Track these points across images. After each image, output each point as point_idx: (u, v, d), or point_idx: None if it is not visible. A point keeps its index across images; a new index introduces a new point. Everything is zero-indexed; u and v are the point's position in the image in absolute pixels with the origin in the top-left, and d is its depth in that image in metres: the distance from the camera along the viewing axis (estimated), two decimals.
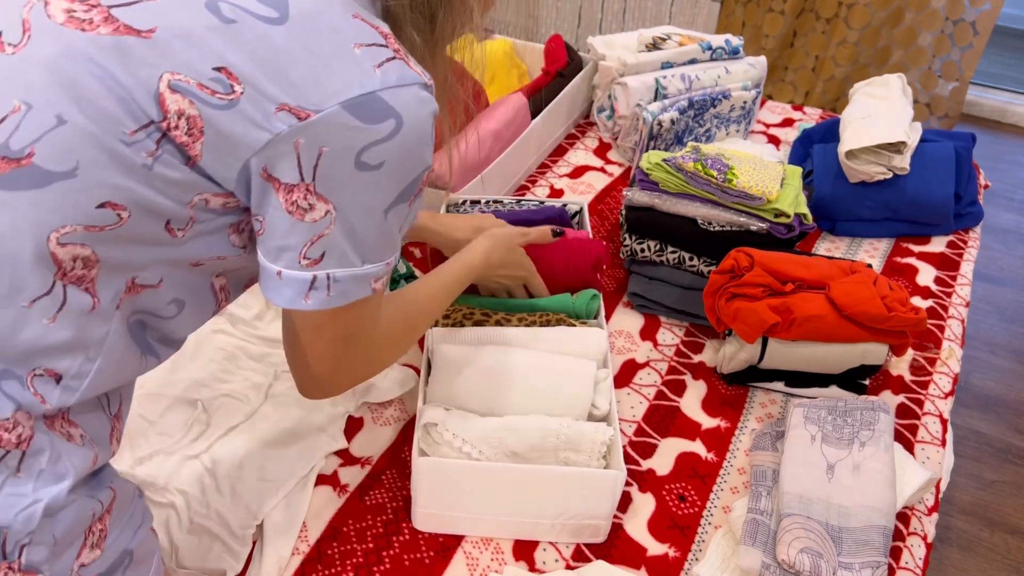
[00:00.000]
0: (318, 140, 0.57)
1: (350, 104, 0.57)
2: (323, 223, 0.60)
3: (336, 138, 0.57)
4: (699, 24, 2.95)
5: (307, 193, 0.59)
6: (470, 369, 0.94)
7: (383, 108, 0.58)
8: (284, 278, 0.62)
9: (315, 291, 0.63)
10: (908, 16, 2.75)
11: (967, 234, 1.46)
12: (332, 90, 0.57)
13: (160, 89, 0.55)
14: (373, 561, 0.88)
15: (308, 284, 0.62)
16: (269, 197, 0.60)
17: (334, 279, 0.63)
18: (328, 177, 0.59)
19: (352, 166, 0.59)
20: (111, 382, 0.63)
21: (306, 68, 0.57)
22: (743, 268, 1.08)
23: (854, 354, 1.07)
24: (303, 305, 0.63)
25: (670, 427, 1.06)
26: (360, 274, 0.64)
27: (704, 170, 1.18)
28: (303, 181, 0.58)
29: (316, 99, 0.57)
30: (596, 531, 0.91)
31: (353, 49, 0.58)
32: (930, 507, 0.98)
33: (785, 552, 0.85)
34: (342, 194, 0.60)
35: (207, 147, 0.57)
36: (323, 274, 0.62)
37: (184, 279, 0.65)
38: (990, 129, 3.10)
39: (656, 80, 1.55)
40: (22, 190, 0.55)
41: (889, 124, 1.38)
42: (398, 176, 0.61)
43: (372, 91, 0.58)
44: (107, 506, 0.63)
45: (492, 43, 1.69)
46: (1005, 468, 1.79)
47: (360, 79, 0.58)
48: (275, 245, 0.62)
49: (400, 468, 0.98)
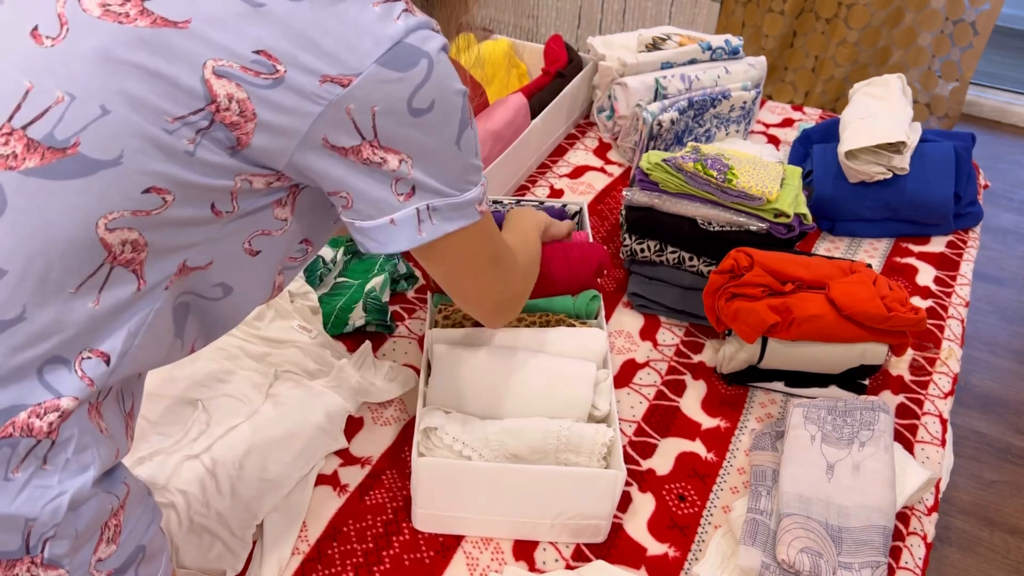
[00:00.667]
0: (368, 100, 0.60)
1: (385, 59, 0.59)
2: (402, 170, 0.63)
3: (383, 94, 0.60)
4: (699, 24, 2.95)
5: (373, 149, 0.62)
6: (470, 370, 0.94)
7: (412, 52, 0.60)
8: (398, 222, 0.65)
9: (423, 223, 0.66)
10: (908, 16, 2.76)
11: (967, 234, 1.46)
12: (364, 51, 0.59)
13: (206, 76, 0.57)
14: (373, 561, 0.88)
15: (415, 218, 0.65)
16: (341, 165, 0.62)
17: (433, 208, 0.66)
18: (389, 131, 0.61)
19: (408, 115, 0.61)
20: (147, 362, 0.65)
21: (336, 35, 0.59)
22: (743, 268, 1.08)
23: (854, 354, 1.07)
24: (420, 239, 0.66)
25: (670, 427, 1.06)
26: (460, 202, 0.67)
27: (704, 170, 1.18)
28: (365, 139, 0.61)
29: (353, 63, 0.59)
30: (596, 531, 0.91)
31: (373, 7, 0.60)
32: (930, 507, 0.98)
33: (785, 552, 0.85)
34: (409, 143, 0.62)
35: (260, 128, 0.59)
36: (423, 205, 0.65)
37: (234, 262, 0.67)
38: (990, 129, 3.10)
39: (656, 80, 1.55)
40: (70, 179, 0.56)
41: (889, 124, 1.38)
42: (450, 108, 0.64)
43: (399, 40, 0.60)
44: (122, 501, 0.63)
45: (492, 43, 1.69)
46: (1005, 468, 1.79)
47: (388, 32, 0.60)
48: (373, 200, 0.64)
49: (400, 468, 0.98)
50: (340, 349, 1.12)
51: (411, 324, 1.19)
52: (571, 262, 1.09)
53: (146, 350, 0.63)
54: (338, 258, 1.22)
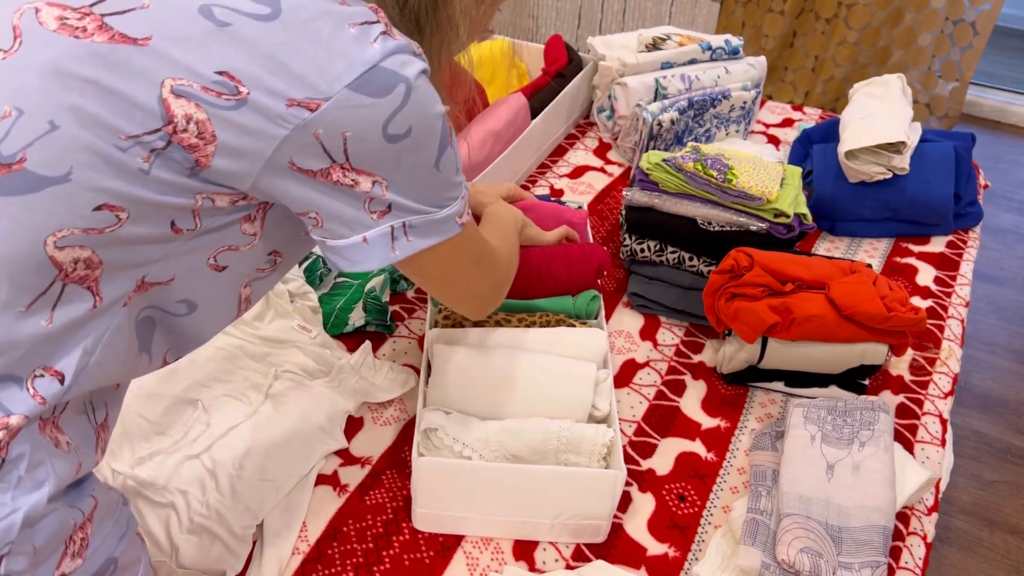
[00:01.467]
0: (339, 125, 0.58)
1: (357, 83, 0.57)
2: (375, 191, 0.61)
3: (355, 120, 0.58)
4: (699, 24, 2.95)
5: (344, 171, 0.60)
6: (470, 371, 0.94)
7: (389, 77, 0.58)
8: (371, 240, 0.63)
9: (398, 240, 0.64)
10: (908, 16, 2.76)
11: (967, 234, 1.46)
12: (335, 74, 0.57)
13: (163, 95, 0.55)
14: (373, 561, 0.88)
15: (389, 236, 0.64)
16: (309, 187, 0.60)
17: (410, 226, 0.64)
18: (361, 155, 0.59)
19: (383, 140, 0.59)
20: (106, 379, 0.63)
21: (306, 58, 0.57)
22: (743, 268, 1.08)
23: (854, 354, 1.07)
24: (394, 257, 0.64)
25: (670, 427, 1.06)
26: (438, 218, 0.65)
27: (704, 170, 1.18)
28: (335, 162, 0.59)
29: (323, 87, 0.57)
30: (596, 531, 0.91)
31: (349, 29, 0.58)
32: (930, 507, 0.98)
33: (785, 552, 0.85)
34: (383, 167, 0.61)
35: (221, 150, 0.57)
36: (398, 223, 0.63)
37: (197, 278, 0.65)
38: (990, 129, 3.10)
39: (656, 80, 1.55)
40: (15, 195, 0.55)
41: (889, 124, 1.38)
42: (429, 133, 0.62)
43: (375, 64, 0.58)
44: (88, 515, 0.62)
45: (492, 43, 1.69)
46: (1005, 468, 1.79)
47: (362, 56, 0.58)
48: (344, 220, 0.63)
49: (400, 468, 0.98)
50: (340, 349, 1.12)
51: (411, 324, 1.19)
52: (571, 262, 1.09)
53: (105, 367, 0.61)
54: None
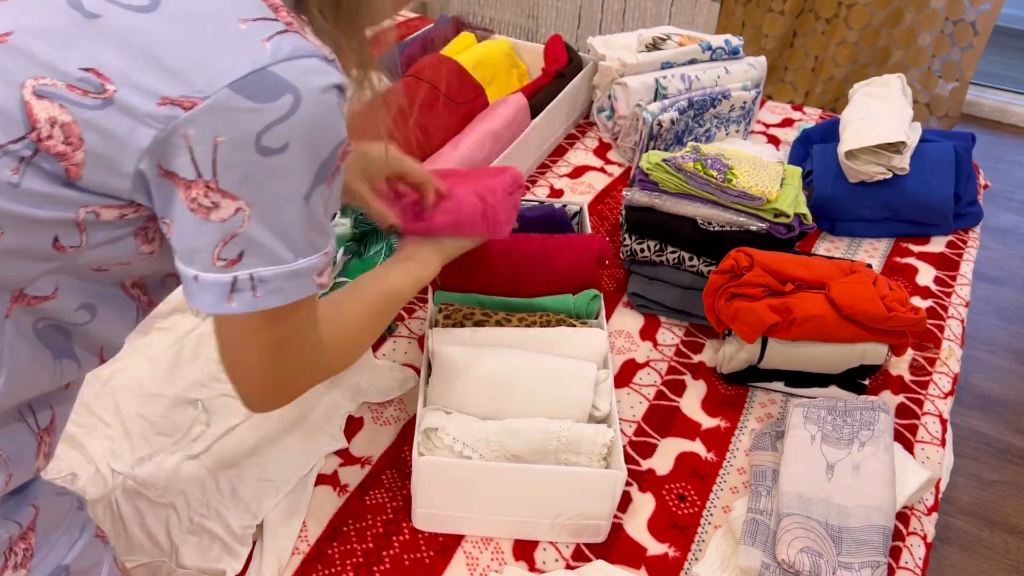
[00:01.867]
0: (210, 129, 0.52)
1: (239, 84, 0.52)
2: (235, 221, 0.54)
3: (229, 124, 0.52)
4: (699, 24, 2.95)
5: (208, 190, 0.54)
6: (470, 371, 0.94)
7: (277, 83, 0.52)
8: (202, 282, 0.57)
9: (237, 293, 0.57)
10: (908, 16, 2.76)
11: (967, 234, 1.46)
12: (217, 72, 0.52)
13: (25, 97, 0.51)
14: (373, 561, 0.88)
15: (228, 287, 0.57)
16: (173, 195, 0.54)
17: (259, 279, 0.57)
18: (230, 169, 0.53)
19: (255, 153, 0.53)
20: (29, 390, 0.60)
21: (185, 53, 0.52)
22: (743, 268, 1.08)
23: (854, 354, 1.07)
24: (227, 309, 0.57)
25: (670, 427, 1.06)
26: (294, 270, 0.58)
27: (704, 170, 1.18)
28: (201, 177, 0.53)
29: (201, 84, 0.51)
30: (596, 531, 0.91)
31: (238, 25, 0.53)
32: (930, 507, 0.98)
33: (785, 552, 0.85)
34: (251, 187, 0.54)
35: (90, 156, 0.52)
36: (244, 275, 0.56)
37: (86, 286, 0.60)
38: (990, 129, 3.10)
39: (656, 80, 1.56)
40: None
41: (889, 124, 1.38)
42: (308, 156, 0.55)
43: (263, 67, 0.52)
44: (29, 524, 0.61)
45: (492, 43, 1.69)
46: (1005, 468, 1.79)
47: (249, 55, 0.52)
48: (187, 247, 0.56)
49: (400, 468, 0.98)
50: None
51: (411, 324, 1.19)
52: (573, 251, 1.10)
53: (19, 381, 0.58)
54: (338, 258, 1.23)
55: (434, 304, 1.07)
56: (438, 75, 1.45)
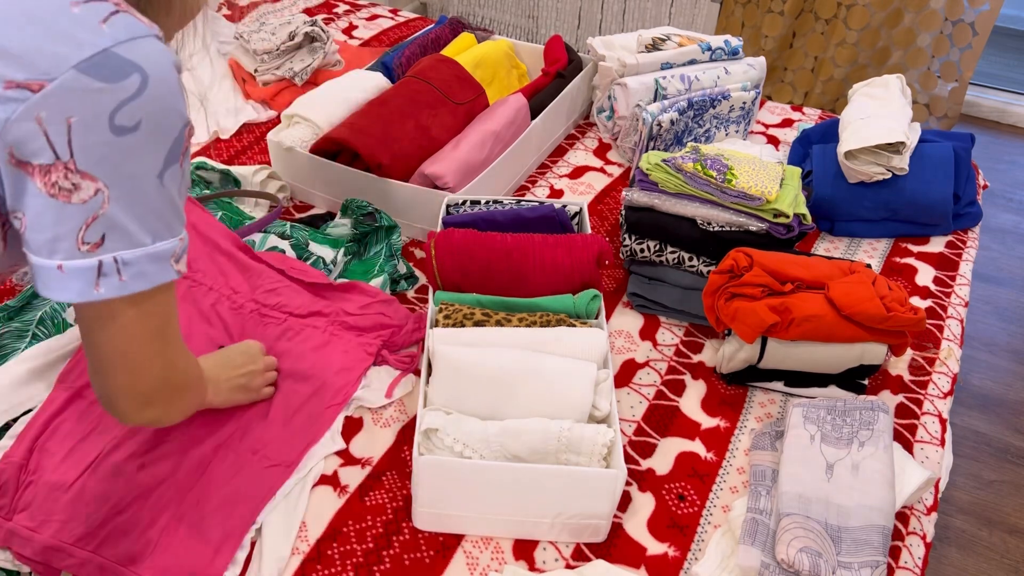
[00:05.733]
0: (62, 110, 0.53)
1: (86, 66, 0.53)
2: (95, 202, 0.55)
3: (82, 104, 0.53)
4: (698, 25, 2.95)
5: (67, 172, 0.54)
6: (471, 371, 0.94)
7: (122, 64, 0.54)
8: (67, 271, 0.57)
9: (105, 278, 0.57)
10: (907, 17, 2.76)
11: (966, 234, 1.46)
12: (61, 55, 0.53)
13: None
14: (373, 561, 0.88)
15: (95, 271, 0.57)
16: (25, 185, 0.55)
17: (123, 262, 0.58)
18: (86, 149, 0.54)
19: (109, 132, 0.54)
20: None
21: (26, 37, 0.53)
22: (742, 268, 1.08)
23: (853, 354, 1.07)
24: (95, 295, 0.58)
25: (670, 427, 1.06)
26: (154, 252, 0.59)
27: (703, 170, 1.18)
28: (59, 159, 0.54)
29: (45, 66, 0.52)
30: (596, 530, 0.91)
31: (71, 9, 0.54)
32: (929, 507, 0.99)
33: (784, 551, 0.85)
34: (107, 166, 0.55)
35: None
36: (109, 258, 0.57)
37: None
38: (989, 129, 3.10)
39: (656, 81, 1.56)
40: None
41: (888, 125, 1.38)
42: (160, 134, 0.57)
43: (105, 48, 0.54)
44: None
45: (492, 43, 1.69)
46: (1004, 468, 1.79)
47: (90, 38, 0.54)
48: (46, 238, 0.56)
49: (400, 468, 0.98)
50: None
51: None
52: (573, 251, 1.10)
53: None
54: (338, 258, 1.23)
55: (434, 304, 1.07)
56: (438, 75, 1.45)
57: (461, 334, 1.00)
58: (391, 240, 1.25)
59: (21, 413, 0.97)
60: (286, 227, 1.25)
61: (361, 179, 1.31)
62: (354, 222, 1.28)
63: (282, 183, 1.41)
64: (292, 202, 1.43)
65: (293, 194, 1.43)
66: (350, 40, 1.98)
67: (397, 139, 1.33)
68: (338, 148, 1.35)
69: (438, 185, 1.30)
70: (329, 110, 1.43)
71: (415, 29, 2.05)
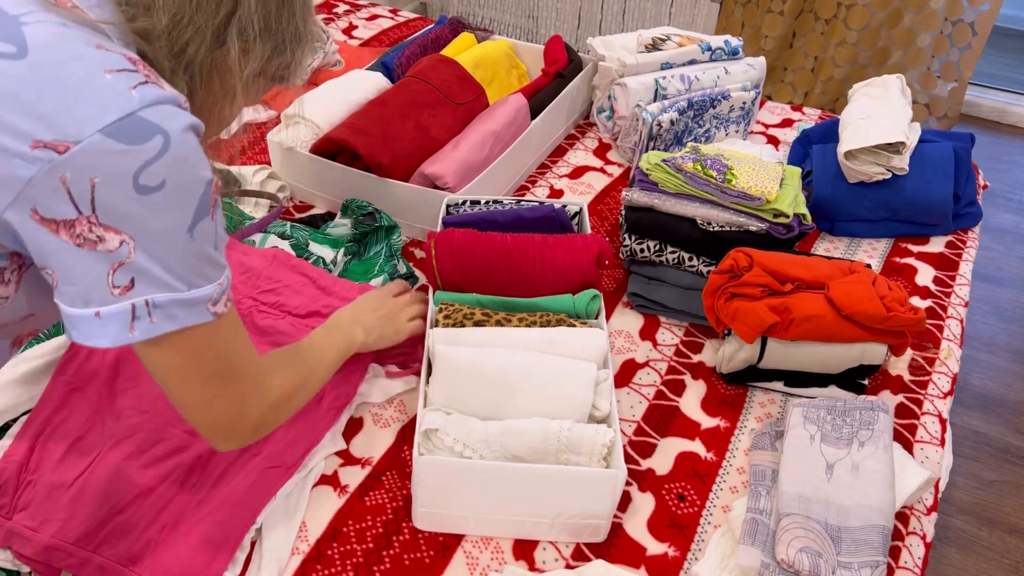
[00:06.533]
0: (87, 171, 0.55)
1: (111, 129, 0.55)
2: (121, 252, 0.57)
3: (105, 166, 0.55)
4: (698, 25, 2.95)
5: (91, 225, 0.56)
6: (471, 371, 0.94)
7: (146, 127, 0.56)
8: (104, 317, 0.59)
9: (137, 321, 0.59)
10: (907, 17, 2.76)
11: (966, 234, 1.46)
12: (88, 117, 0.55)
13: None
14: (373, 561, 0.88)
15: (129, 315, 0.59)
16: (50, 241, 0.57)
17: (154, 304, 0.59)
18: (110, 208, 0.56)
19: (133, 191, 0.56)
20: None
21: (56, 100, 0.55)
22: (742, 268, 1.08)
23: (853, 354, 1.07)
24: (131, 338, 0.60)
25: (670, 427, 1.06)
26: (187, 299, 0.61)
27: (703, 170, 1.18)
28: (82, 214, 0.56)
29: (73, 129, 0.54)
30: (596, 530, 0.91)
31: (104, 75, 0.56)
32: (929, 507, 0.99)
33: (784, 551, 0.85)
34: (132, 223, 0.57)
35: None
36: (141, 300, 0.59)
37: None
38: (989, 129, 3.11)
39: (655, 81, 1.56)
40: None
41: (888, 125, 1.38)
42: (185, 192, 0.59)
43: (132, 112, 0.56)
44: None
45: (492, 43, 1.69)
46: (1004, 468, 1.79)
47: (117, 103, 0.56)
48: (80, 289, 0.58)
49: (400, 468, 0.98)
50: None
51: None
52: (573, 251, 1.10)
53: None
54: (338, 259, 1.23)
55: (434, 304, 1.07)
56: (438, 75, 1.45)
57: (461, 334, 1.00)
58: (391, 240, 1.25)
59: (21, 413, 0.97)
60: (286, 227, 1.25)
61: (361, 179, 1.31)
62: (354, 222, 1.28)
63: (282, 183, 1.41)
64: (292, 202, 1.43)
65: (293, 194, 1.43)
66: (350, 40, 1.98)
67: (397, 139, 1.33)
68: (338, 148, 1.35)
69: (438, 185, 1.30)
70: (329, 110, 1.43)
71: (415, 29, 2.05)
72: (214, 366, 0.67)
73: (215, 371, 0.67)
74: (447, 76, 1.46)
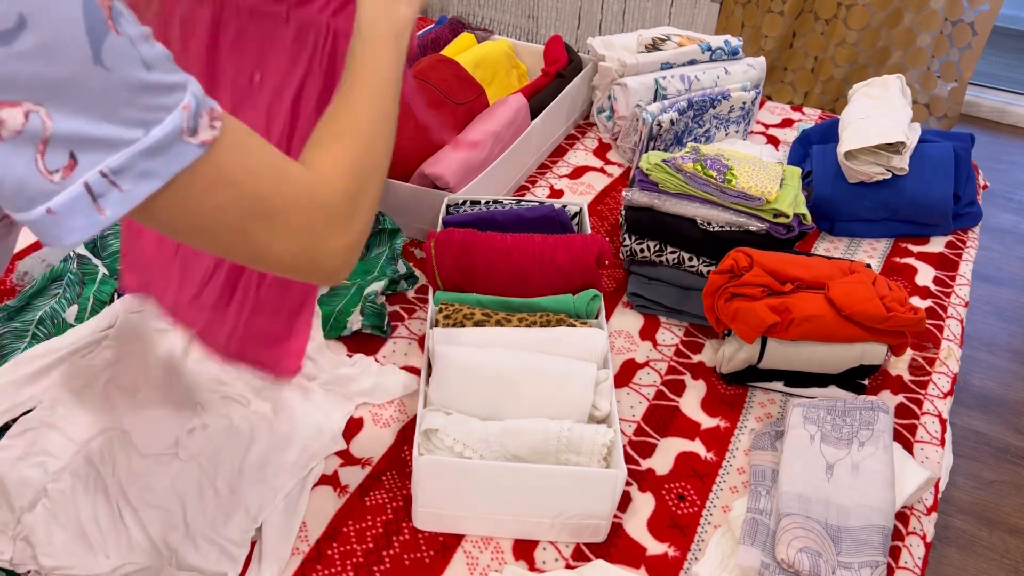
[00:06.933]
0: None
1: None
2: (34, 124, 0.44)
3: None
4: (698, 25, 2.95)
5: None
6: (471, 371, 0.94)
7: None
8: (58, 210, 0.46)
9: (103, 198, 0.47)
10: (907, 17, 2.76)
11: (966, 234, 1.46)
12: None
13: None
14: (373, 561, 0.88)
15: (87, 196, 0.47)
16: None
17: (112, 170, 0.47)
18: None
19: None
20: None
21: None
22: (742, 268, 1.08)
23: (853, 354, 1.07)
24: (107, 219, 0.48)
25: (669, 427, 1.06)
26: (153, 144, 0.47)
27: (703, 170, 1.18)
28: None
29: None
30: (596, 531, 0.91)
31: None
32: (929, 507, 0.99)
33: (784, 551, 0.85)
34: (19, 83, 0.44)
35: None
36: (93, 174, 0.46)
37: None
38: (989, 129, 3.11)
39: (656, 81, 1.56)
40: None
41: (888, 125, 1.39)
42: (56, 18, 0.44)
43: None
44: None
45: (492, 43, 1.69)
46: (1004, 468, 1.79)
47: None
48: (13, 188, 0.46)
49: (400, 468, 0.98)
50: (339, 351, 1.12)
51: (411, 324, 1.19)
52: (573, 251, 1.10)
53: None
54: None
55: (434, 304, 1.07)
56: (438, 75, 1.45)
57: (461, 334, 1.00)
58: (394, 244, 1.25)
59: (21, 413, 0.97)
60: None
61: None
62: None
63: None
64: None
65: None
66: None
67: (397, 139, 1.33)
68: None
69: (438, 185, 1.30)
70: None
71: (415, 29, 2.05)
72: (243, 206, 0.53)
73: (249, 211, 0.53)
74: (447, 76, 1.46)
